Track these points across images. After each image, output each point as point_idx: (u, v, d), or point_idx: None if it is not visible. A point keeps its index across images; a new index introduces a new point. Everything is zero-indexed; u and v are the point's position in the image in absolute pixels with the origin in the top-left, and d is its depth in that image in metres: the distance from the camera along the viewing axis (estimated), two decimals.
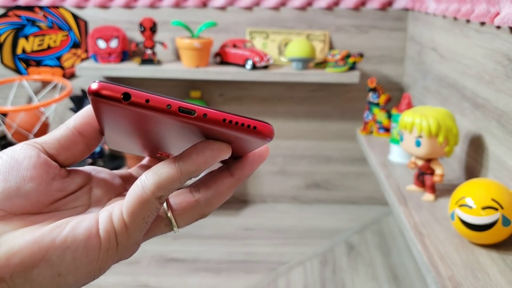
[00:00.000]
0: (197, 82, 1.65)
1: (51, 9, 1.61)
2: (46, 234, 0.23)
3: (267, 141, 0.24)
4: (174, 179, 0.24)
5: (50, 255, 0.23)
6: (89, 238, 0.24)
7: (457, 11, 1.09)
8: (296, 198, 1.80)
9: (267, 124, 0.24)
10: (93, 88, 0.22)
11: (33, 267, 0.23)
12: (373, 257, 1.44)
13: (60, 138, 0.28)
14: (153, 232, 0.28)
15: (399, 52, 1.60)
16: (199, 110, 0.23)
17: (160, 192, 0.24)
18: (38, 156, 0.26)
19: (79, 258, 0.24)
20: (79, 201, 0.28)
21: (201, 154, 0.24)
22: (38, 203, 0.26)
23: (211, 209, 0.28)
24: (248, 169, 0.28)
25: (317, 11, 1.58)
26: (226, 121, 0.23)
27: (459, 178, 1.07)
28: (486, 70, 0.95)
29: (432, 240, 0.80)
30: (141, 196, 0.24)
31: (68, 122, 0.28)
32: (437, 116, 0.92)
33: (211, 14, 1.59)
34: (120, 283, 1.30)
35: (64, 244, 0.23)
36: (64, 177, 0.28)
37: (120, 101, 0.22)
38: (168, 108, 0.22)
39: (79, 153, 0.28)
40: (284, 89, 1.66)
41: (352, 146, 1.70)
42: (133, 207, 0.25)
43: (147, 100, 0.22)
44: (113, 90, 0.22)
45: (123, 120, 0.24)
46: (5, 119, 1.55)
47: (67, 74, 1.68)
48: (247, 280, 1.33)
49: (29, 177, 0.25)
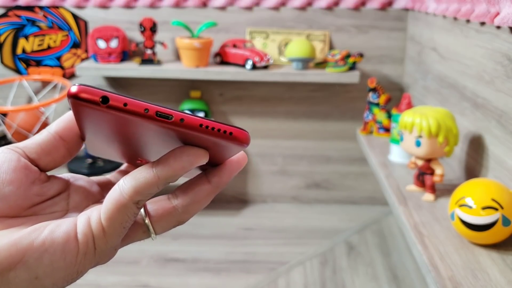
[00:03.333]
0: (197, 82, 1.65)
1: (51, 9, 1.61)
2: (24, 236, 0.23)
3: (243, 147, 0.25)
4: (152, 184, 0.25)
5: (28, 257, 0.23)
6: (67, 242, 0.24)
7: (457, 11, 1.09)
8: (296, 198, 1.80)
9: (243, 130, 0.24)
10: (72, 91, 0.22)
11: (10, 270, 0.23)
12: (373, 257, 1.44)
13: (42, 143, 0.28)
14: (131, 238, 0.28)
15: (399, 52, 1.60)
16: (176, 115, 0.23)
17: (137, 197, 0.25)
18: (18, 160, 0.26)
19: (57, 261, 0.24)
20: (57, 206, 0.28)
21: (178, 159, 0.25)
22: (16, 206, 0.26)
23: (188, 216, 0.28)
24: (226, 176, 0.28)
25: (317, 11, 1.58)
26: (203, 126, 0.23)
27: (459, 178, 1.07)
28: (486, 70, 0.95)
29: (432, 240, 0.80)
30: (119, 201, 0.25)
31: (50, 127, 0.28)
32: (437, 116, 0.92)
33: (211, 14, 1.59)
34: (120, 283, 1.30)
35: (42, 247, 0.23)
36: (44, 181, 0.28)
37: (99, 104, 0.22)
38: (146, 112, 0.23)
39: (60, 157, 0.28)
40: (284, 89, 1.66)
41: (352, 146, 1.70)
42: (111, 212, 0.25)
43: (125, 104, 0.22)
44: (92, 93, 0.22)
45: (103, 124, 0.24)
46: (5, 119, 1.55)
47: (67, 74, 1.68)
48: (247, 280, 1.33)
49: (8, 180, 0.25)
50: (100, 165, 1.63)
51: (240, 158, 0.28)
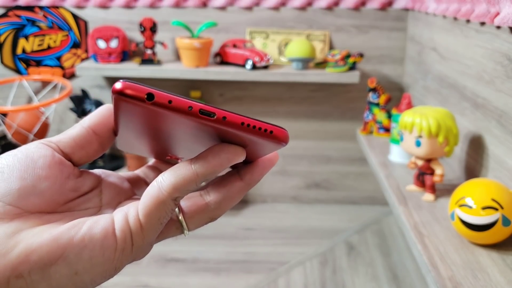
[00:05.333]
0: (197, 82, 1.65)
1: (51, 9, 1.61)
2: (64, 232, 0.24)
3: (281, 146, 0.25)
4: (190, 180, 0.25)
5: (68, 253, 0.23)
6: (106, 238, 0.24)
7: (457, 11, 1.09)
8: (296, 198, 1.80)
9: (283, 129, 0.25)
10: (118, 88, 0.22)
11: (51, 265, 0.23)
12: (373, 257, 1.44)
13: (75, 137, 0.28)
14: (165, 234, 0.28)
15: (399, 52, 1.60)
16: (219, 113, 0.23)
17: (176, 194, 0.25)
18: (52, 155, 0.26)
19: (95, 257, 0.24)
20: (91, 202, 0.28)
21: (217, 157, 0.25)
22: (52, 202, 0.26)
23: (220, 213, 0.28)
24: (258, 174, 0.28)
25: (317, 11, 1.58)
26: (245, 125, 0.24)
27: (459, 178, 1.07)
28: (486, 70, 0.95)
29: (432, 240, 0.80)
30: (158, 197, 0.25)
31: (83, 122, 0.29)
32: (437, 116, 0.92)
33: (211, 14, 1.59)
34: (120, 283, 1.30)
35: (82, 242, 0.24)
36: (78, 176, 0.28)
37: (144, 101, 0.22)
38: (190, 109, 0.23)
39: (93, 152, 0.29)
40: (284, 89, 1.66)
41: (352, 146, 1.70)
42: (149, 208, 0.25)
43: (170, 101, 0.23)
44: (137, 90, 0.22)
45: (142, 120, 0.25)
46: (5, 119, 1.55)
47: (67, 74, 1.68)
48: (247, 280, 1.33)
49: (44, 176, 0.26)
50: (100, 165, 1.63)
51: (272, 156, 0.28)
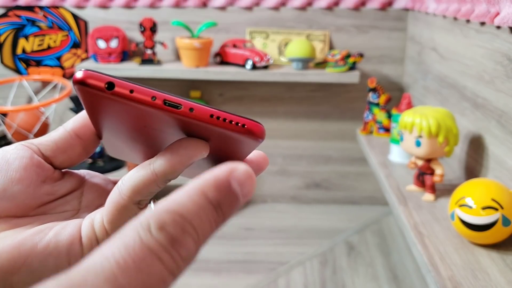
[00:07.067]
0: (197, 82, 1.65)
1: (51, 9, 1.61)
2: (28, 238, 0.23)
3: (258, 143, 0.23)
4: (150, 182, 0.23)
5: (31, 260, 0.22)
6: (72, 245, 0.23)
7: (457, 11, 1.09)
8: (296, 198, 1.80)
9: (258, 123, 0.23)
10: (78, 77, 0.21)
11: (12, 273, 0.22)
12: (373, 257, 1.44)
13: (57, 140, 0.27)
14: None
15: (399, 52, 1.60)
16: (186, 104, 0.22)
17: (137, 197, 0.24)
18: (31, 157, 0.25)
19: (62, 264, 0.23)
20: (69, 205, 0.27)
21: (175, 153, 0.23)
22: (24, 206, 0.25)
23: None
24: None
25: (317, 11, 1.58)
26: (214, 117, 0.22)
27: (459, 178, 1.07)
28: (486, 70, 0.95)
29: (432, 240, 0.80)
30: (118, 203, 0.24)
31: (66, 124, 0.28)
32: (437, 116, 0.92)
33: (211, 14, 1.59)
34: None
35: (46, 250, 0.23)
36: (56, 180, 0.27)
37: (103, 91, 0.21)
38: (153, 100, 0.21)
39: (76, 156, 0.27)
40: (284, 89, 1.66)
41: (352, 146, 1.70)
42: (112, 214, 0.24)
43: (131, 91, 0.21)
44: (98, 79, 0.21)
45: (111, 116, 0.23)
46: (5, 119, 1.55)
47: (67, 74, 1.68)
48: (247, 280, 1.33)
49: (17, 179, 0.25)
50: (100, 165, 1.63)
51: (260, 161, 0.26)
